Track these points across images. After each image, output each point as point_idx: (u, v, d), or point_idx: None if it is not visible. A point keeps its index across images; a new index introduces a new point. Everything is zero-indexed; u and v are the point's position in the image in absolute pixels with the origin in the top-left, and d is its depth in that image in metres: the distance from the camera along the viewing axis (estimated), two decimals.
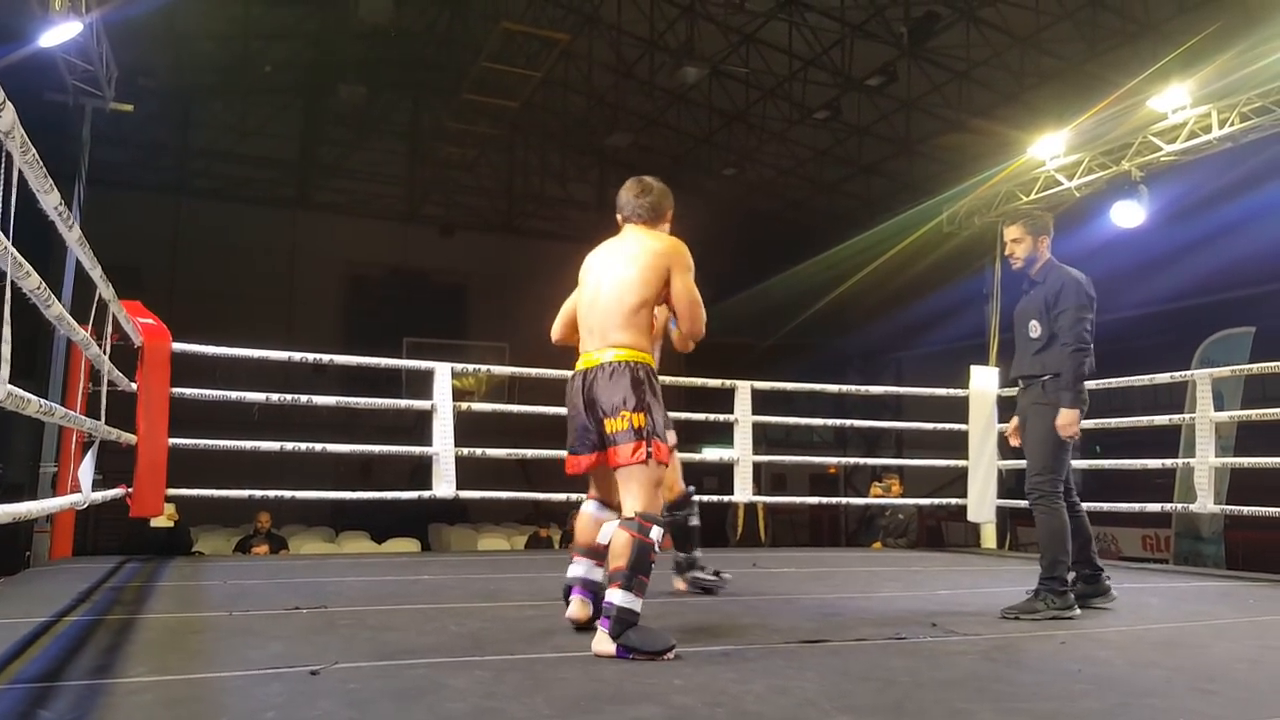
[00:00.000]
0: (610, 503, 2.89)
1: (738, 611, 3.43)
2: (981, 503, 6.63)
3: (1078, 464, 10.59)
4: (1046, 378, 3.60)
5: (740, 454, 6.34)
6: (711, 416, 6.48)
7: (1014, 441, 3.97)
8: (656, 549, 2.60)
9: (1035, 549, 10.94)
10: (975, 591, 4.33)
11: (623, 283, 2.74)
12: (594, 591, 2.82)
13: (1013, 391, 6.93)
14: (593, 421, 2.72)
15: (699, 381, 6.55)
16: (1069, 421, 3.53)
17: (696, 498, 4.03)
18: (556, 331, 3.08)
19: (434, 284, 16.65)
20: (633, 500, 2.64)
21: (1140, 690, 2.27)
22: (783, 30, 11.77)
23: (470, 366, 7.07)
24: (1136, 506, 6.48)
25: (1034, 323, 3.64)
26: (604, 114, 15.12)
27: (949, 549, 7.61)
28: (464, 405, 6.06)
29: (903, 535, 7.73)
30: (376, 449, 6.43)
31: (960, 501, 6.87)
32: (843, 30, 11.33)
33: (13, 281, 2.23)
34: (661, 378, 6.50)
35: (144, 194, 14.55)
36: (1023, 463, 7.43)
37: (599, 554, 2.82)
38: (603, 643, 2.48)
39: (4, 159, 2.07)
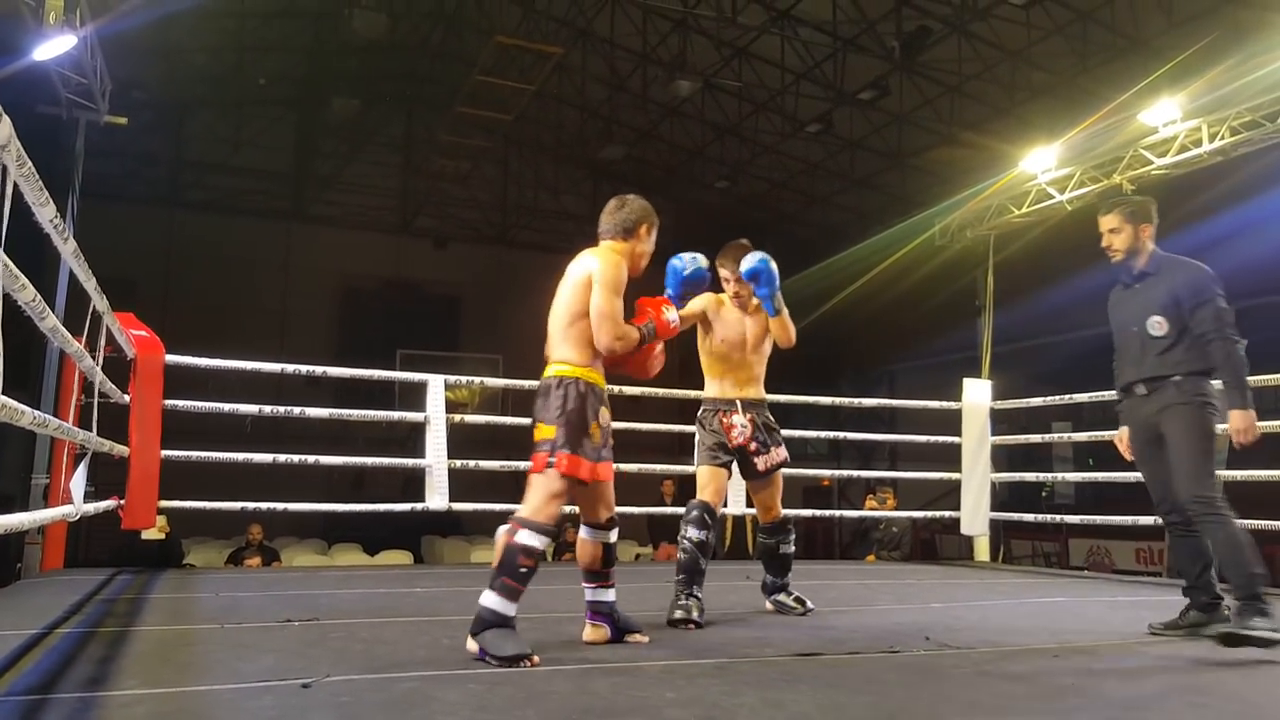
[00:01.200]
0: (598, 521, 2.93)
1: (730, 625, 3.43)
2: (975, 515, 6.65)
3: (1072, 477, 10.47)
4: (1177, 377, 3.24)
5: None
6: None
7: (1128, 455, 3.57)
8: (528, 554, 2.63)
9: (1028, 562, 10.88)
10: (969, 605, 4.33)
11: (561, 299, 2.86)
12: (603, 613, 2.90)
13: (1011, 404, 6.99)
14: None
15: (692, 394, 6.54)
16: (1246, 425, 3.15)
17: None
18: None
19: (428, 296, 16.64)
20: (523, 505, 2.72)
21: (1133, 703, 2.28)
22: (775, 44, 11.84)
23: (463, 378, 7.07)
24: (1130, 519, 6.48)
25: (1157, 319, 3.30)
26: (597, 126, 15.18)
27: (942, 562, 7.61)
28: (457, 417, 6.06)
29: (896, 548, 7.73)
30: (369, 461, 6.42)
31: (954, 514, 6.88)
32: (834, 44, 11.40)
33: (8, 294, 2.23)
34: (654, 389, 6.44)
35: (137, 206, 14.53)
36: (1011, 476, 7.48)
37: (599, 576, 2.91)
38: (470, 641, 2.57)
39: (0, 172, 2.07)
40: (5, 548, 4.49)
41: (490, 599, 2.57)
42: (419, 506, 5.66)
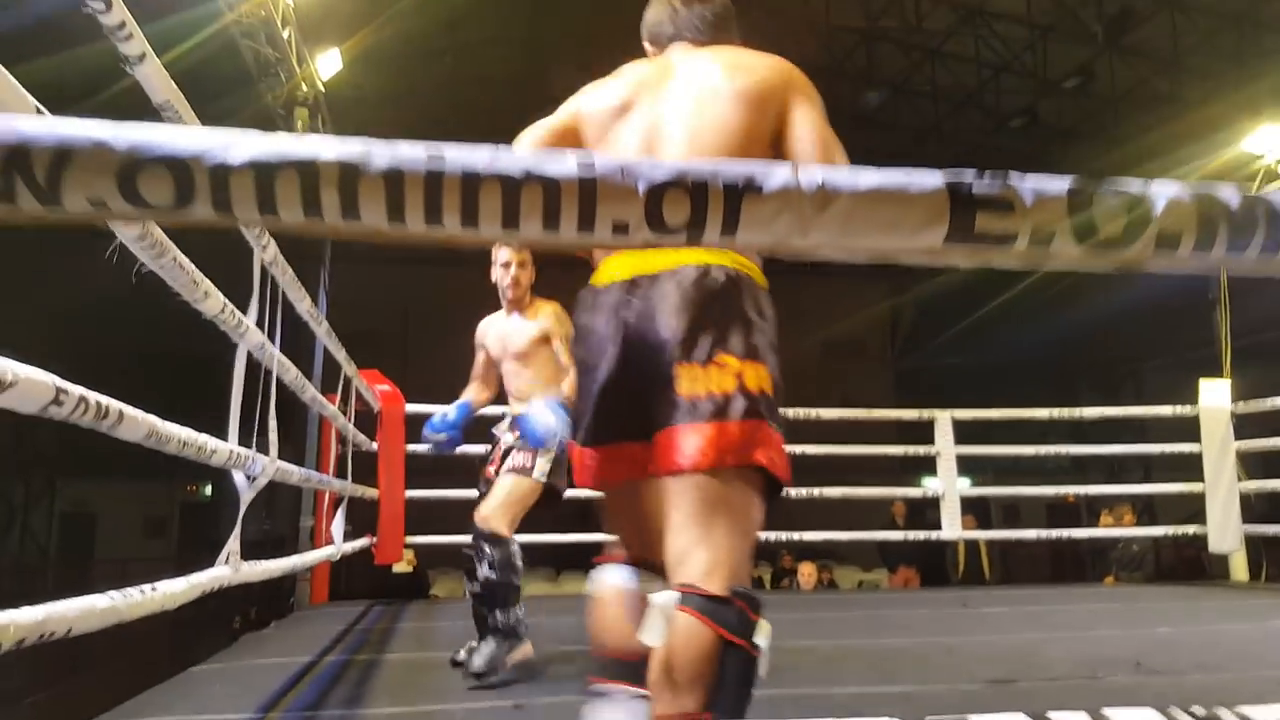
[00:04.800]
0: (646, 557, 1.46)
1: (931, 652, 3.44)
2: (1224, 530, 6.10)
3: None
4: None
5: (945, 488, 6.21)
6: (918, 449, 6.38)
7: None
8: (762, 662, 1.31)
9: None
10: (1202, 629, 4.05)
11: (712, 131, 1.48)
12: None
13: (1255, 405, 6.29)
14: (637, 377, 1.38)
15: (893, 414, 6.50)
16: None
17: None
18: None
19: None
20: (711, 550, 1.30)
21: None
22: (968, 41, 11.45)
23: None
24: None
25: None
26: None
27: (1192, 582, 6.98)
28: None
29: (1138, 568, 7.20)
30: (584, 493, 6.80)
31: (1200, 530, 6.34)
32: (1032, 34, 10.88)
33: (279, 377, 2.73)
34: (871, 410, 6.33)
35: (376, 265, 16.12)
36: (1265, 485, 6.74)
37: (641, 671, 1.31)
38: None
39: (270, 282, 2.57)
40: (281, 584, 5.18)
41: None
42: (597, 537, 5.98)
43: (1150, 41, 10.22)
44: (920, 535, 6.82)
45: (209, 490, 14.59)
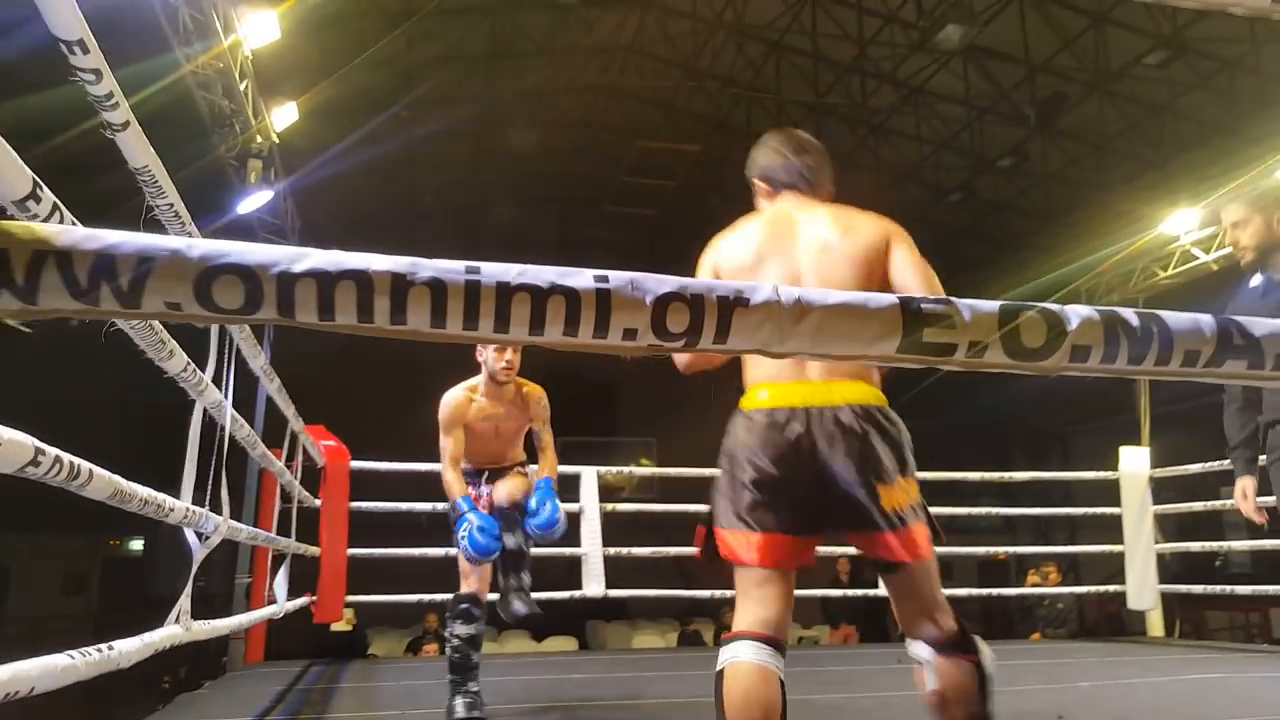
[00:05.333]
0: (781, 638, 1.81)
1: (870, 707, 3.52)
2: (1141, 589, 6.37)
3: (1240, 545, 9.64)
4: None
5: None
6: None
7: (1256, 515, 3.01)
8: (987, 664, 1.90)
9: (1226, 636, 10.01)
10: (1118, 683, 4.22)
11: (836, 279, 1.88)
12: None
13: (1170, 471, 6.63)
14: (822, 490, 1.80)
15: None
16: None
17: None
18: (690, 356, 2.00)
19: (584, 382, 17.27)
20: (943, 608, 1.87)
21: None
22: (910, 120, 11.96)
23: (614, 469, 7.44)
24: None
25: None
26: (740, 212, 15.53)
27: (1112, 639, 7.23)
28: (609, 506, 6.39)
29: (1062, 625, 7.43)
30: (532, 550, 6.79)
31: (1120, 588, 6.60)
32: (969, 114, 11.42)
33: (232, 434, 2.73)
34: None
35: None
36: (1177, 546, 7.05)
37: None
38: None
39: (228, 336, 2.59)
40: (209, 644, 5.02)
41: None
42: (577, 594, 5.97)
43: (1079, 126, 10.81)
44: (858, 593, 6.96)
45: (136, 545, 14.03)
